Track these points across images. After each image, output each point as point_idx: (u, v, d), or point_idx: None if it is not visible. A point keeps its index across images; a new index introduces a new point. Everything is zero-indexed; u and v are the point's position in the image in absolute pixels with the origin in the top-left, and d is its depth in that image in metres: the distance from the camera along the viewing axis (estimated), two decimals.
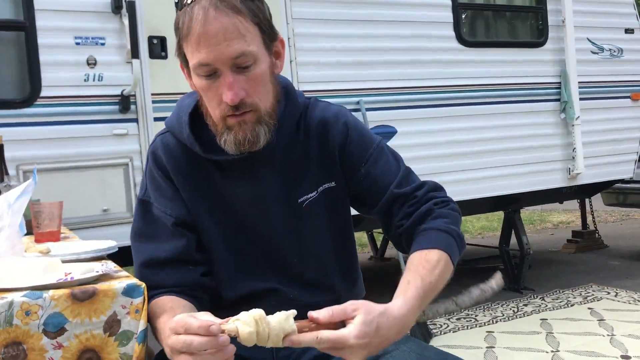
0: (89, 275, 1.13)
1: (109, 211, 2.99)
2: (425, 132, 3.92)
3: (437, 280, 1.13)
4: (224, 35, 1.11)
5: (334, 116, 1.30)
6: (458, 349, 3.03)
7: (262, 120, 1.18)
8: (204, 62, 1.13)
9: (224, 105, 1.15)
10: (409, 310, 1.06)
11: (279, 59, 1.23)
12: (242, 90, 1.14)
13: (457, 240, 1.21)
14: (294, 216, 1.27)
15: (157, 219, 1.25)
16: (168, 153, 1.27)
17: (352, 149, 1.28)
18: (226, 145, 1.18)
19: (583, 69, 4.50)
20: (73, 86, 2.92)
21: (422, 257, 1.15)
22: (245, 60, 1.13)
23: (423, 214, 1.23)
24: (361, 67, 3.70)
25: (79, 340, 1.06)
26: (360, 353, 0.99)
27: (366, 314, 0.99)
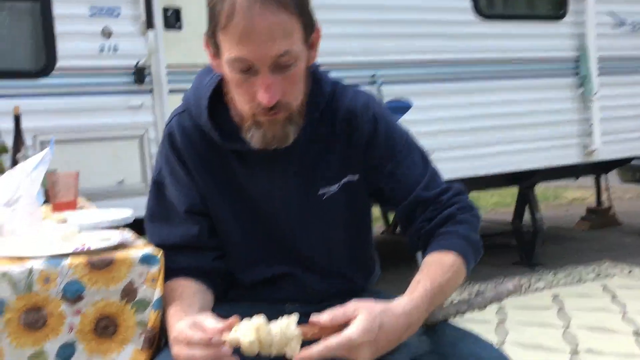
0: (106, 244, 1.14)
1: (124, 182, 3.01)
2: (441, 107, 3.88)
3: (447, 283, 1.11)
4: (268, 34, 1.04)
5: (363, 107, 1.24)
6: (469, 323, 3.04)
7: (293, 120, 1.14)
8: (244, 58, 1.06)
9: (257, 103, 1.09)
10: (413, 308, 1.05)
11: (313, 49, 1.17)
12: (279, 91, 1.08)
13: (475, 248, 1.20)
14: (312, 208, 1.25)
15: (171, 203, 1.25)
16: (185, 136, 1.23)
17: (379, 143, 1.23)
18: (252, 141, 1.14)
19: (603, 43, 4.42)
20: (88, 57, 2.93)
21: (436, 259, 1.14)
22: (288, 60, 1.07)
23: (445, 218, 1.20)
24: (376, 39, 3.66)
25: (97, 307, 1.08)
26: (368, 351, 0.98)
27: (368, 312, 0.99)
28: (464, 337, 1.14)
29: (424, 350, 1.13)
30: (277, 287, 1.28)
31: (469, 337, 1.15)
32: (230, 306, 1.26)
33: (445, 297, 1.13)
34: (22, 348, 1.03)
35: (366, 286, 1.35)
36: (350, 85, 1.29)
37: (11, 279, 1.03)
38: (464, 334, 1.16)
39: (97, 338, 1.09)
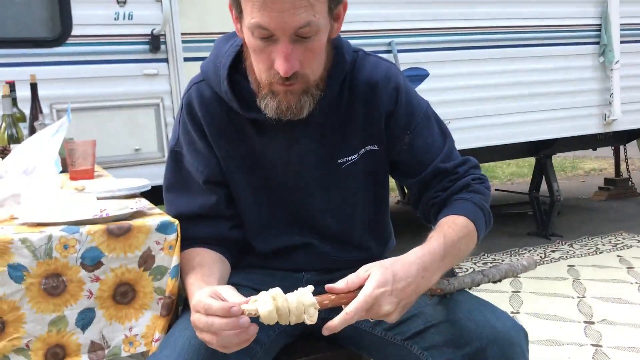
0: (124, 211, 1.15)
1: (140, 151, 3.02)
2: (459, 75, 3.83)
3: (459, 240, 1.12)
4: (292, 2, 1.02)
5: (385, 78, 1.23)
6: (483, 293, 3.06)
7: (309, 91, 1.13)
8: (264, 26, 1.04)
9: (274, 72, 1.08)
10: (426, 254, 1.05)
11: (338, 22, 1.14)
12: (297, 62, 1.07)
13: (487, 217, 1.21)
14: (330, 177, 1.25)
15: (189, 172, 1.26)
16: (203, 106, 1.23)
17: (399, 114, 1.23)
18: (266, 110, 1.14)
19: (626, 9, 4.31)
20: (103, 25, 2.91)
21: (449, 220, 1.16)
22: (309, 31, 1.05)
23: (460, 188, 1.22)
24: (393, 6, 3.60)
25: (115, 274, 1.10)
26: (390, 303, 0.98)
27: (379, 267, 1.00)
28: (478, 306, 1.14)
29: (438, 319, 1.14)
30: (293, 256, 1.29)
31: (484, 306, 1.15)
32: (247, 273, 1.27)
33: (459, 254, 1.13)
34: (42, 313, 1.06)
35: (382, 256, 1.35)
36: (370, 54, 1.27)
37: (31, 245, 1.04)
38: (479, 303, 1.16)
39: (116, 304, 1.10)
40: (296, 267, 1.31)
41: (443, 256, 1.08)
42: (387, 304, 0.98)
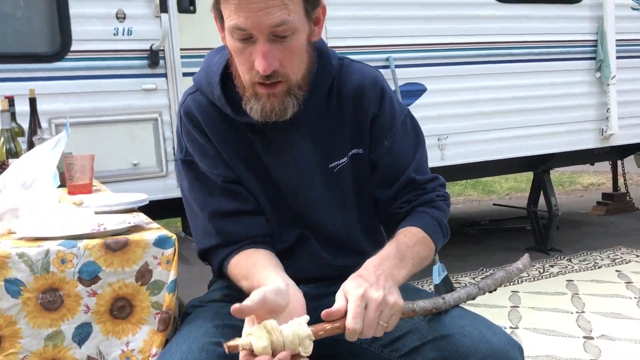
0: (122, 226, 1.15)
1: (139, 165, 3.03)
2: (456, 90, 3.85)
3: (414, 245, 1.18)
4: (265, 2, 1.06)
5: (372, 82, 1.27)
6: (482, 308, 3.05)
7: (292, 92, 1.16)
8: (241, 26, 1.08)
9: (255, 72, 1.12)
10: (376, 257, 1.12)
11: (318, 26, 1.18)
12: (276, 60, 1.10)
13: (444, 232, 1.28)
14: (325, 180, 1.28)
15: (207, 177, 1.26)
16: (202, 113, 1.25)
17: (382, 120, 1.27)
18: (252, 113, 1.17)
19: (621, 25, 4.34)
20: (103, 40, 2.93)
21: (405, 229, 1.23)
22: (284, 30, 1.09)
23: (423, 202, 1.28)
24: (391, 22, 3.62)
25: (112, 288, 1.09)
26: (379, 289, 1.02)
27: (347, 282, 1.06)
28: (474, 322, 1.14)
29: (434, 335, 1.14)
30: (293, 261, 1.29)
31: (479, 321, 1.15)
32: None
33: (417, 256, 1.18)
34: (39, 328, 1.05)
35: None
36: (355, 61, 1.32)
37: (28, 260, 1.04)
38: (475, 318, 1.16)
39: (113, 319, 1.10)
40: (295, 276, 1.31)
41: (398, 255, 1.14)
42: (374, 293, 1.02)
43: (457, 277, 3.78)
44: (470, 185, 7.59)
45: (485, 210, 6.10)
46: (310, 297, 1.31)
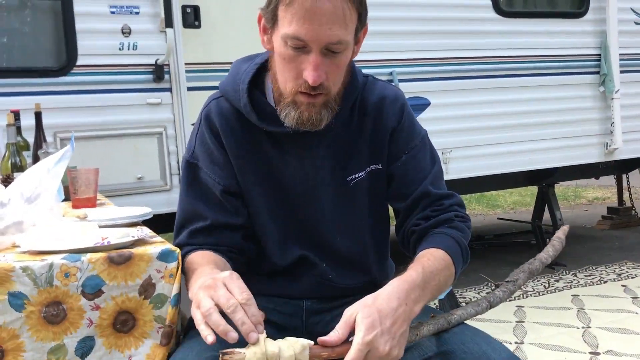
0: (125, 239, 1.15)
1: (143, 179, 3.03)
2: (459, 105, 3.85)
3: (438, 273, 1.14)
4: (329, 18, 1.09)
5: (393, 97, 1.30)
6: (487, 323, 3.03)
7: (329, 105, 1.19)
8: (300, 37, 1.11)
9: (301, 81, 1.14)
10: (402, 284, 1.06)
11: (358, 45, 1.23)
12: (324, 73, 1.14)
13: (464, 254, 1.24)
14: (340, 194, 1.28)
15: (206, 184, 1.27)
16: (222, 119, 1.27)
17: (401, 134, 1.29)
18: (286, 119, 1.19)
19: (625, 40, 4.35)
20: (108, 55, 2.95)
21: (428, 252, 1.18)
22: (339, 47, 1.13)
23: (443, 221, 1.25)
24: (395, 37, 3.64)
25: (116, 302, 1.09)
26: (385, 342, 0.98)
27: (362, 309, 1.00)
28: (475, 337, 1.14)
29: (434, 351, 1.13)
30: (295, 280, 1.29)
31: (480, 337, 1.14)
32: None
33: (439, 285, 1.14)
34: (42, 342, 1.05)
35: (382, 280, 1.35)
36: (379, 80, 1.35)
37: (32, 274, 1.04)
38: (475, 334, 1.16)
39: (116, 333, 1.10)
40: (299, 292, 1.31)
41: (423, 285, 1.09)
42: (382, 345, 0.97)
43: (461, 291, 3.76)
44: (474, 199, 7.57)
45: (490, 224, 6.09)
46: (311, 312, 1.30)
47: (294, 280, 1.29)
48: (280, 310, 1.29)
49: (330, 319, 1.29)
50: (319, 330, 1.29)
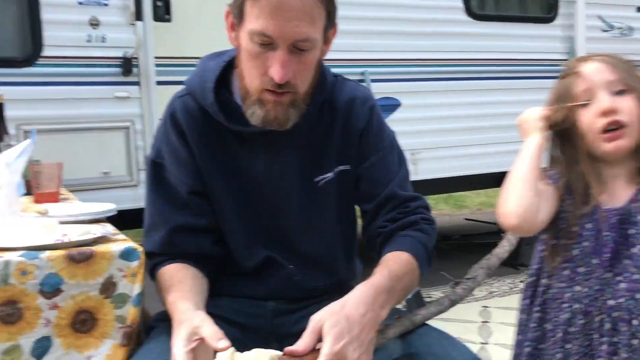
0: (87, 237, 1.13)
1: (109, 174, 2.98)
2: (430, 106, 3.88)
3: (403, 276, 1.14)
4: (297, 15, 1.08)
5: (363, 98, 1.29)
6: (452, 323, 3.05)
7: (296, 104, 1.17)
8: (267, 33, 1.09)
9: (268, 78, 1.12)
10: (371, 288, 1.06)
11: (327, 45, 1.22)
12: (291, 71, 1.12)
13: (429, 257, 1.25)
14: (308, 195, 1.27)
15: (171, 184, 1.25)
16: (188, 118, 1.24)
17: (370, 135, 1.28)
18: (252, 118, 1.17)
19: (592, 46, 4.43)
20: (75, 47, 2.89)
21: (394, 255, 1.18)
22: (306, 45, 1.12)
23: (409, 224, 1.25)
24: (367, 36, 3.65)
25: (75, 301, 1.07)
26: (354, 349, 0.97)
27: (330, 317, 0.99)
28: (439, 339, 1.14)
29: (400, 353, 1.13)
30: (261, 281, 1.28)
31: (444, 339, 1.15)
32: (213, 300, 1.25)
33: (404, 289, 1.15)
34: None
35: (349, 282, 1.35)
36: (349, 80, 1.33)
37: None
38: (440, 335, 1.16)
39: (75, 333, 1.07)
40: (265, 293, 1.29)
41: (389, 290, 1.09)
42: (351, 353, 0.97)
43: (428, 291, 3.79)
44: (442, 199, 7.65)
45: (457, 224, 6.15)
46: (277, 313, 1.29)
47: (260, 282, 1.28)
48: (245, 311, 1.28)
49: (296, 319, 1.28)
50: (284, 331, 1.28)
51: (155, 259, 1.22)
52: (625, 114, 1.11)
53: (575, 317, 1.14)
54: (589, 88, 1.14)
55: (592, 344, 1.11)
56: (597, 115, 1.12)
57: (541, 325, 1.19)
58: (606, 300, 1.11)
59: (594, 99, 1.13)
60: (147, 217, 1.27)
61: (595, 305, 1.12)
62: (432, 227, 1.28)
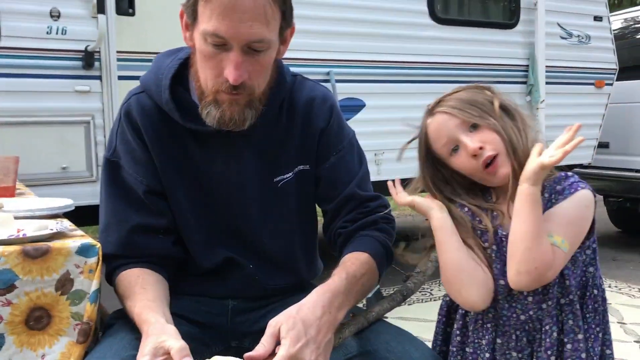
0: (42, 232, 1.10)
1: (68, 169, 2.92)
2: (394, 107, 3.91)
3: (361, 277, 1.15)
4: (250, 15, 1.06)
5: (322, 98, 1.28)
6: (412, 322, 3.09)
7: (253, 104, 1.16)
8: (219, 34, 1.07)
9: (222, 79, 1.11)
10: (327, 291, 1.07)
11: (284, 45, 1.20)
12: (246, 72, 1.10)
13: (389, 255, 1.27)
14: (268, 195, 1.26)
15: (127, 183, 1.22)
16: (144, 116, 1.22)
17: (330, 135, 1.28)
18: (208, 118, 1.15)
19: (551, 53, 4.55)
20: (34, 38, 2.82)
21: (353, 256, 1.19)
22: (261, 46, 1.10)
23: (368, 223, 1.26)
24: (332, 37, 3.66)
25: (29, 297, 1.04)
26: (310, 351, 0.98)
27: (287, 320, 1.00)
28: (397, 337, 1.16)
29: (358, 351, 1.14)
30: (221, 280, 1.27)
31: (403, 336, 1.17)
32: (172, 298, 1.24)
33: (362, 289, 1.16)
34: None
35: (310, 281, 1.36)
36: (308, 79, 1.32)
37: None
38: (398, 333, 1.18)
39: (29, 330, 1.05)
40: (225, 292, 1.29)
41: (346, 291, 1.10)
42: (308, 355, 0.98)
43: (389, 290, 3.83)
44: None
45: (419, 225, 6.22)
46: (237, 312, 1.29)
47: (220, 281, 1.27)
48: (205, 310, 1.27)
49: (256, 318, 1.28)
50: (244, 329, 1.28)
51: (113, 262, 1.20)
52: (489, 145, 1.13)
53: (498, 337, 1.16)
54: (447, 141, 1.16)
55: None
56: (470, 158, 1.14)
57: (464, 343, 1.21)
58: (519, 315, 1.14)
59: (458, 144, 1.15)
60: (102, 216, 1.24)
61: (509, 324, 1.15)
62: (391, 226, 1.30)
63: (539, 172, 1.06)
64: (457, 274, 1.12)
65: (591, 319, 1.14)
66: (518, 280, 1.07)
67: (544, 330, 1.12)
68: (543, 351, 1.12)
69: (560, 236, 1.07)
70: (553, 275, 1.08)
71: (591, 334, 1.14)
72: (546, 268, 1.05)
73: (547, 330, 1.12)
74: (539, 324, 1.13)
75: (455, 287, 1.13)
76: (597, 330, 1.15)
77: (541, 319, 1.13)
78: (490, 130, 1.14)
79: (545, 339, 1.12)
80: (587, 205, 1.11)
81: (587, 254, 1.15)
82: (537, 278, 1.06)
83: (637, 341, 2.95)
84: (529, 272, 1.05)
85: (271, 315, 1.04)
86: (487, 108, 1.17)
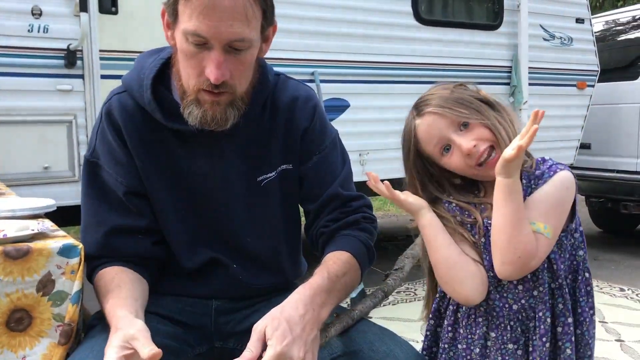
0: (24, 232, 1.09)
1: (50, 169, 2.89)
2: (378, 108, 3.93)
3: (343, 275, 1.15)
4: (230, 14, 1.06)
5: (305, 97, 1.28)
6: (396, 322, 3.10)
7: (235, 104, 1.15)
8: (200, 33, 1.07)
9: (204, 78, 1.10)
10: (308, 289, 1.07)
11: (266, 43, 1.20)
12: (227, 71, 1.10)
13: (370, 255, 1.27)
14: (251, 194, 1.26)
15: (107, 184, 1.22)
16: (125, 116, 1.21)
17: (313, 135, 1.28)
18: (189, 118, 1.14)
19: (534, 54, 4.59)
20: (15, 36, 2.78)
21: (335, 255, 1.20)
22: (242, 45, 1.10)
23: (350, 223, 1.27)
24: (317, 37, 3.66)
25: (10, 299, 1.03)
26: (298, 349, 0.98)
27: (271, 322, 1.00)
28: (382, 337, 1.16)
29: (343, 350, 1.14)
30: (207, 278, 1.27)
31: (387, 336, 1.17)
32: (156, 299, 1.24)
33: (345, 288, 1.16)
34: None
35: (294, 281, 1.36)
36: (291, 78, 1.32)
37: None
38: (383, 332, 1.18)
39: (9, 332, 1.04)
40: (208, 292, 1.28)
41: (328, 289, 1.10)
42: (296, 352, 0.98)
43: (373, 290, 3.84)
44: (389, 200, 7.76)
45: (403, 225, 6.25)
46: (220, 312, 1.29)
47: (204, 281, 1.27)
48: (189, 310, 1.26)
49: (241, 318, 1.28)
50: (228, 330, 1.27)
51: (93, 261, 1.19)
52: (482, 142, 1.13)
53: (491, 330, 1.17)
54: (438, 142, 1.16)
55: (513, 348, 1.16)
56: (464, 158, 1.14)
57: (455, 331, 1.22)
58: (511, 305, 1.15)
59: (450, 143, 1.15)
60: (83, 217, 1.24)
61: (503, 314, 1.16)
62: (373, 226, 1.30)
63: (505, 165, 1.06)
64: (450, 270, 1.13)
65: (584, 302, 1.16)
66: (503, 270, 1.09)
67: (537, 317, 1.13)
68: (538, 338, 1.12)
69: (542, 222, 1.08)
70: (538, 263, 1.10)
71: (585, 317, 1.16)
72: (529, 257, 1.07)
73: (540, 317, 1.13)
74: (532, 312, 1.14)
75: (449, 283, 1.14)
76: (590, 313, 1.17)
77: (534, 306, 1.14)
78: (481, 126, 1.15)
79: (540, 325, 1.13)
80: (568, 186, 1.13)
81: (575, 237, 1.16)
82: (522, 267, 1.08)
83: (618, 340, 2.99)
84: (512, 262, 1.07)
85: (256, 315, 1.04)
86: (475, 105, 1.17)
